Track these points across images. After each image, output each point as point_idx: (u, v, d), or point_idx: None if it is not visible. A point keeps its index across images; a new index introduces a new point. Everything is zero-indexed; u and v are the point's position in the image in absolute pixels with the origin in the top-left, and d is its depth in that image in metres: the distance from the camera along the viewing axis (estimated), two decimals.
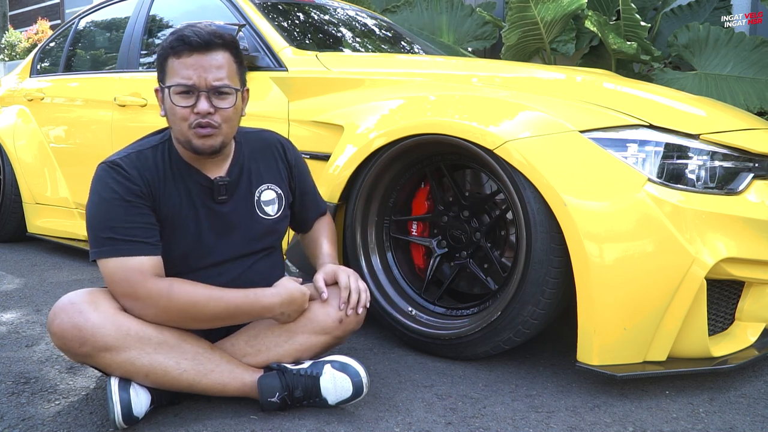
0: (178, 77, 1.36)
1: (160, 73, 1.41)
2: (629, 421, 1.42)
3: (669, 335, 1.50)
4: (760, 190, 1.62)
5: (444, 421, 1.41)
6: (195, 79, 1.35)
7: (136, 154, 1.41)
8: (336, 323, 1.48)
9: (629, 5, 3.33)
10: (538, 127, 1.59)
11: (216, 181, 1.45)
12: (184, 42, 1.35)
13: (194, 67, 1.36)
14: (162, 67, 1.40)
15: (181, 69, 1.36)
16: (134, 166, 1.38)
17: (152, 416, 1.39)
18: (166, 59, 1.38)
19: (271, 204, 1.55)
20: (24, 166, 3.31)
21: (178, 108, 1.37)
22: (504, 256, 1.86)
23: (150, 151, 1.43)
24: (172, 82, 1.37)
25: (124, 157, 1.39)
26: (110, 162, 1.38)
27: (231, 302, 1.37)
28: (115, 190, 1.35)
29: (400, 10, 4.53)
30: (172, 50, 1.37)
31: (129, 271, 1.32)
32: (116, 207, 1.34)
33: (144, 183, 1.37)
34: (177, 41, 1.36)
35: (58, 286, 2.59)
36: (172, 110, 1.38)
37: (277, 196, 1.56)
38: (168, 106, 1.39)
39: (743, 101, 3.29)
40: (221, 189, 1.45)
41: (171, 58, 1.37)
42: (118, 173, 1.36)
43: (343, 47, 2.70)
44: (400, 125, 1.77)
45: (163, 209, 1.40)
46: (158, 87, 1.43)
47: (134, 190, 1.35)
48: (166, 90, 1.38)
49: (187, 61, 1.36)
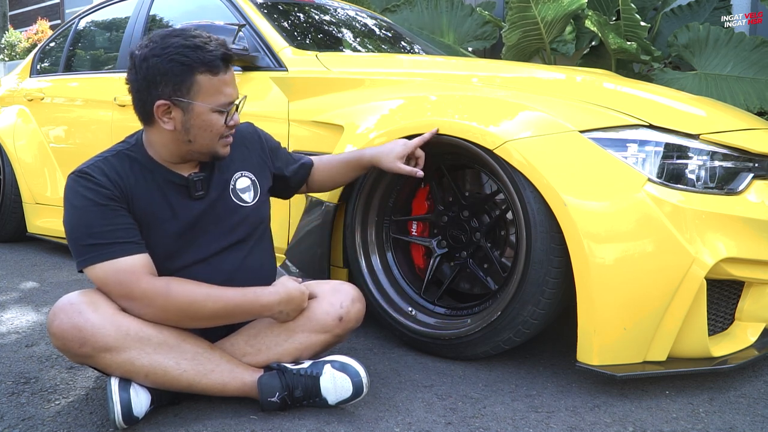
0: (221, 95, 1.36)
1: (175, 86, 1.33)
2: (629, 421, 1.42)
3: (669, 335, 1.50)
4: (760, 190, 1.62)
5: (444, 421, 1.41)
6: (234, 94, 1.39)
7: (102, 161, 1.39)
8: (336, 321, 1.48)
9: (629, 5, 3.33)
10: (538, 127, 1.59)
11: (191, 178, 1.44)
12: (222, 60, 1.35)
13: (231, 84, 1.38)
14: (183, 82, 1.33)
15: (222, 86, 1.36)
16: (102, 172, 1.36)
17: (152, 416, 1.39)
18: (193, 74, 1.33)
19: (247, 191, 1.54)
20: (24, 166, 3.32)
21: (220, 125, 1.38)
22: (504, 256, 1.86)
23: (114, 158, 1.40)
24: (215, 101, 1.36)
25: (90, 165, 1.38)
26: (78, 172, 1.37)
27: (230, 301, 1.37)
28: (87, 197, 1.33)
29: (400, 9, 4.53)
30: (207, 68, 1.33)
31: (119, 272, 1.31)
32: (92, 213, 1.33)
33: (115, 187, 1.36)
34: (217, 60, 1.34)
35: (58, 286, 2.59)
36: (207, 127, 1.37)
37: (252, 182, 1.55)
38: (201, 123, 1.36)
39: (743, 101, 3.29)
40: (197, 185, 1.44)
41: (205, 74, 1.33)
42: (87, 180, 1.35)
43: (343, 47, 2.70)
44: (400, 125, 1.77)
45: (138, 211, 1.38)
46: (167, 101, 1.34)
47: (106, 194, 1.34)
48: (199, 107, 1.35)
49: (226, 78, 1.37)
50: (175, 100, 1.34)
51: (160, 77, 1.33)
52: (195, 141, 1.38)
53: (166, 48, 1.33)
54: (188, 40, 1.34)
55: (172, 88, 1.33)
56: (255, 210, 1.54)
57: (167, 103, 1.34)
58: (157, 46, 1.34)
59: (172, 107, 1.35)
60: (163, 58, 1.32)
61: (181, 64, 1.32)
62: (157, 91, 1.34)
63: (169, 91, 1.34)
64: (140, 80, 1.35)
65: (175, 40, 1.34)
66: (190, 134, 1.37)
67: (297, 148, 2.09)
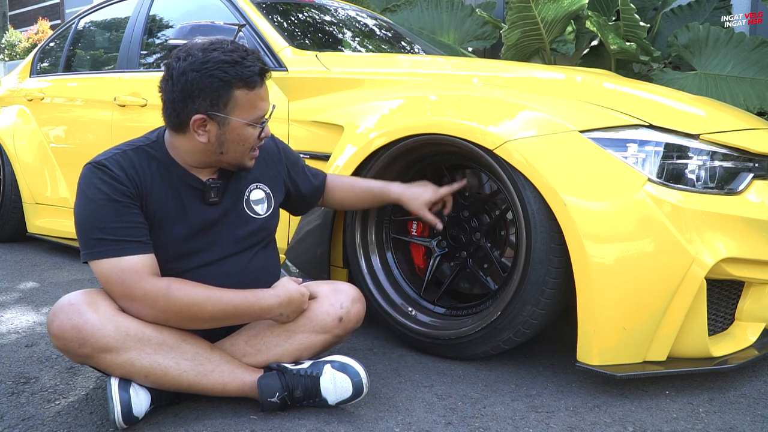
0: (257, 110, 1.38)
1: (213, 101, 1.33)
2: (629, 421, 1.42)
3: (669, 335, 1.50)
4: (760, 190, 1.62)
5: (444, 421, 1.41)
6: (267, 107, 1.41)
7: (121, 154, 1.39)
8: (336, 322, 1.48)
9: (629, 5, 3.33)
10: (538, 127, 1.59)
11: (208, 184, 1.44)
12: (259, 75, 1.36)
13: (265, 98, 1.40)
14: (221, 97, 1.33)
15: (258, 101, 1.37)
16: (120, 166, 1.36)
17: (152, 416, 1.39)
18: (231, 89, 1.33)
19: (261, 203, 1.54)
20: (24, 166, 3.32)
21: (254, 138, 1.40)
22: (504, 256, 1.86)
23: (134, 153, 1.40)
24: (251, 115, 1.37)
25: (109, 158, 1.37)
26: (96, 162, 1.36)
27: (230, 303, 1.37)
28: (102, 190, 1.33)
29: (400, 10, 4.53)
30: (245, 83, 1.34)
31: (123, 271, 1.31)
32: (105, 207, 1.33)
33: (131, 183, 1.36)
34: (254, 75, 1.35)
35: (58, 286, 2.59)
36: (242, 141, 1.38)
37: (266, 195, 1.56)
38: (236, 137, 1.37)
39: (743, 101, 3.29)
40: (213, 191, 1.45)
41: (242, 89, 1.34)
42: (104, 173, 1.34)
43: (343, 47, 2.70)
44: (400, 125, 1.77)
45: (150, 209, 1.38)
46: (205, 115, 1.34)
47: (122, 189, 1.34)
48: (235, 122, 1.36)
49: (261, 92, 1.38)
50: (212, 114, 1.34)
51: (198, 91, 1.33)
52: (227, 153, 1.40)
53: (205, 63, 1.32)
54: (227, 54, 1.34)
55: (210, 102, 1.34)
56: (266, 222, 1.55)
57: (204, 117, 1.34)
58: (197, 61, 1.33)
59: (209, 121, 1.35)
60: (202, 73, 1.32)
61: (220, 80, 1.32)
62: (194, 105, 1.34)
63: (207, 105, 1.34)
64: (177, 92, 1.34)
65: (214, 55, 1.33)
66: (224, 147, 1.39)
67: (297, 148, 2.09)
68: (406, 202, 1.73)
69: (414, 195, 1.73)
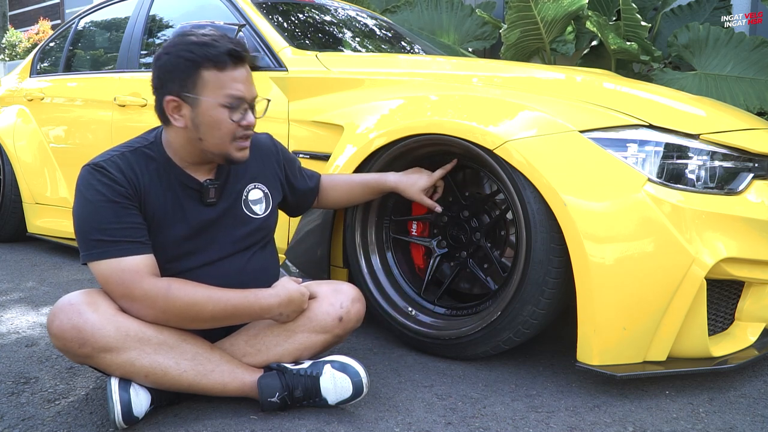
0: (228, 90, 1.35)
1: (183, 82, 1.34)
2: (629, 421, 1.42)
3: (669, 335, 1.50)
4: (760, 190, 1.62)
5: (444, 421, 1.41)
6: (244, 92, 1.37)
7: (118, 156, 1.39)
8: (336, 322, 1.48)
9: (629, 5, 3.33)
10: (538, 127, 1.59)
11: (205, 184, 1.44)
12: (231, 56, 1.35)
13: (242, 81, 1.37)
14: (190, 77, 1.34)
15: (229, 82, 1.35)
16: (117, 168, 1.36)
17: (152, 416, 1.39)
18: (199, 70, 1.33)
19: (259, 203, 1.54)
20: (24, 166, 3.32)
21: (229, 122, 1.36)
22: (504, 256, 1.86)
23: (132, 154, 1.40)
24: (220, 95, 1.35)
25: (107, 159, 1.37)
26: (94, 164, 1.37)
27: (230, 303, 1.37)
28: (100, 191, 1.33)
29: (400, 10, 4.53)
30: (213, 63, 1.33)
31: (123, 272, 1.31)
32: (103, 208, 1.33)
33: (129, 184, 1.36)
34: (222, 55, 1.33)
35: (58, 286, 2.59)
36: (215, 124, 1.36)
37: (264, 195, 1.56)
38: (208, 119, 1.36)
39: (743, 101, 3.29)
40: (211, 191, 1.44)
41: (211, 70, 1.33)
42: (102, 175, 1.34)
43: (343, 47, 2.70)
44: (400, 125, 1.77)
45: (149, 210, 1.39)
46: (176, 97, 1.35)
47: (120, 191, 1.34)
48: (206, 103, 1.35)
49: (235, 74, 1.36)
50: (183, 95, 1.35)
51: (169, 74, 1.35)
52: (205, 139, 1.38)
53: (176, 45, 1.35)
54: (199, 37, 1.35)
55: (179, 84, 1.35)
56: (264, 221, 1.55)
57: (175, 99, 1.36)
58: (170, 44, 1.36)
59: (181, 103, 1.36)
60: (171, 55, 1.35)
61: (186, 59, 1.33)
62: (167, 88, 1.36)
63: (177, 87, 1.35)
64: (155, 78, 1.38)
65: (186, 38, 1.35)
66: (200, 131, 1.37)
67: (297, 148, 2.10)
68: (403, 189, 1.75)
69: (410, 182, 1.75)
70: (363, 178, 1.79)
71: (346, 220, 1.93)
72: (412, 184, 1.75)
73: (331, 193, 1.78)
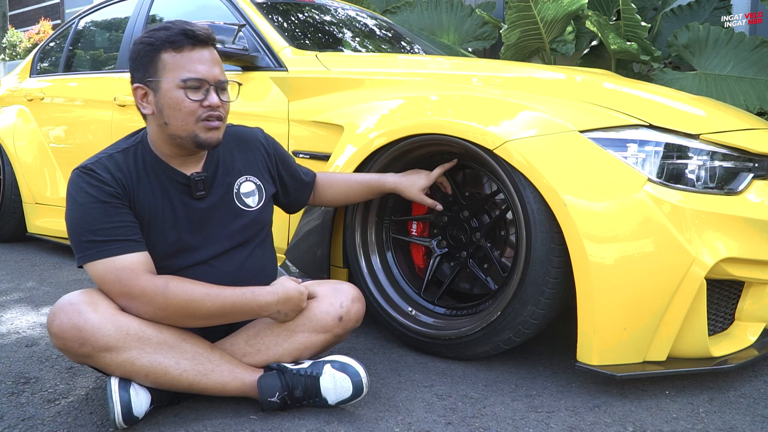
0: (185, 71, 1.36)
1: (146, 68, 1.37)
2: (629, 421, 1.42)
3: (669, 335, 1.50)
4: (760, 190, 1.62)
5: (444, 421, 1.41)
6: (204, 72, 1.37)
7: (106, 157, 1.40)
8: (336, 321, 1.48)
9: (629, 5, 3.33)
10: (538, 127, 1.59)
11: (193, 177, 1.44)
12: (187, 36, 1.36)
13: (201, 61, 1.37)
14: (151, 62, 1.36)
15: (187, 63, 1.36)
16: (106, 169, 1.37)
17: (152, 416, 1.39)
18: (158, 53, 1.36)
19: (251, 195, 1.54)
20: (24, 166, 3.32)
21: (188, 102, 1.36)
22: (504, 256, 1.86)
23: (120, 155, 1.41)
24: (178, 76, 1.35)
25: (95, 162, 1.38)
26: (82, 167, 1.37)
27: (227, 300, 1.37)
28: (90, 193, 1.34)
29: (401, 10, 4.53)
30: (170, 44, 1.35)
31: (119, 270, 1.31)
32: (94, 210, 1.33)
33: (117, 184, 1.36)
34: (177, 35, 1.36)
35: (58, 286, 2.59)
36: (175, 105, 1.36)
37: (257, 187, 1.56)
38: (168, 101, 1.36)
39: (743, 101, 3.29)
40: (199, 185, 1.44)
41: (169, 52, 1.36)
42: (91, 177, 1.35)
43: (343, 47, 2.70)
44: (400, 125, 1.77)
45: (139, 208, 1.39)
46: (141, 84, 1.38)
47: (109, 191, 1.35)
48: (165, 84, 1.36)
49: (192, 55, 1.37)
50: (147, 81, 1.38)
51: (134, 63, 1.40)
52: (170, 123, 1.38)
53: (142, 36, 1.39)
54: (159, 25, 1.39)
55: (143, 70, 1.39)
56: (258, 214, 1.54)
57: (142, 86, 1.39)
58: (139, 36, 1.40)
59: (147, 90, 1.39)
60: (136, 45, 1.39)
61: (147, 44, 1.37)
62: (135, 77, 1.40)
63: (141, 74, 1.39)
64: (130, 71, 1.42)
65: (148, 27, 1.40)
66: (164, 115, 1.38)
67: (297, 148, 2.10)
68: (402, 190, 1.76)
69: (410, 182, 1.76)
70: (362, 177, 1.79)
71: (346, 220, 1.93)
72: (411, 184, 1.76)
73: (328, 191, 1.78)
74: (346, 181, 1.79)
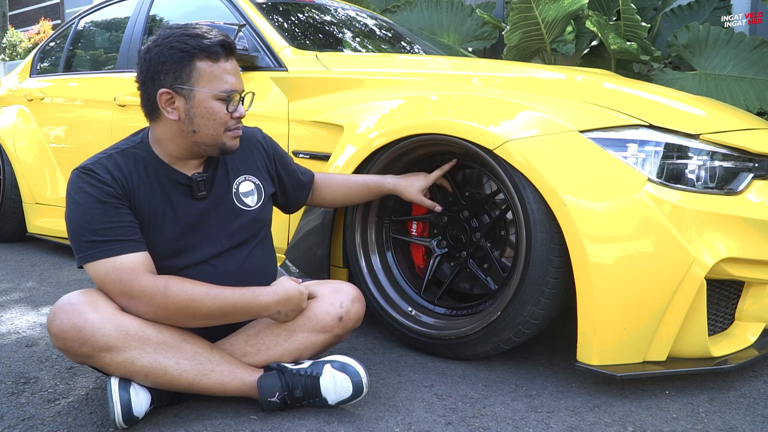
0: (222, 82, 1.37)
1: (176, 74, 1.35)
2: (629, 421, 1.42)
3: (669, 335, 1.50)
4: (760, 190, 1.62)
5: (444, 421, 1.41)
6: (236, 84, 1.40)
7: (106, 158, 1.40)
8: (336, 321, 1.48)
9: (629, 5, 3.33)
10: (538, 127, 1.59)
11: (194, 178, 1.44)
12: (223, 47, 1.37)
13: (232, 73, 1.40)
14: (184, 69, 1.35)
15: (223, 74, 1.37)
16: (106, 169, 1.37)
17: (152, 416, 1.39)
18: (193, 61, 1.35)
19: (250, 195, 1.54)
20: (24, 166, 3.32)
21: (223, 113, 1.38)
22: (504, 256, 1.86)
23: (120, 155, 1.41)
24: (216, 88, 1.36)
25: (95, 162, 1.38)
26: (82, 168, 1.37)
27: (228, 300, 1.37)
28: (90, 193, 1.34)
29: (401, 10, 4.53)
30: (207, 54, 1.35)
31: (119, 270, 1.31)
32: (94, 210, 1.33)
33: (117, 184, 1.36)
34: (216, 46, 1.36)
35: (58, 286, 2.59)
36: (210, 115, 1.37)
37: (256, 186, 1.56)
38: (203, 111, 1.37)
39: (743, 101, 3.29)
40: (200, 185, 1.45)
41: (205, 61, 1.35)
42: (91, 177, 1.35)
43: (343, 47, 2.70)
44: (400, 125, 1.77)
45: (140, 209, 1.39)
46: (169, 89, 1.36)
47: (109, 191, 1.35)
48: (201, 94, 1.36)
49: (227, 66, 1.38)
50: (177, 87, 1.36)
51: (161, 66, 1.36)
52: (199, 131, 1.39)
53: (167, 38, 1.36)
54: (189, 30, 1.37)
55: (173, 75, 1.36)
56: (258, 214, 1.54)
57: (169, 91, 1.36)
58: (159, 38, 1.37)
59: (175, 96, 1.37)
60: (163, 47, 1.35)
61: (180, 51, 1.35)
62: (159, 81, 1.37)
63: (171, 80, 1.36)
64: (144, 72, 1.38)
65: (176, 31, 1.37)
66: (194, 123, 1.38)
67: (297, 148, 2.10)
68: (401, 191, 1.77)
69: (409, 184, 1.77)
70: (361, 179, 1.79)
71: (346, 220, 1.93)
72: (410, 185, 1.76)
73: (327, 191, 1.78)
74: (344, 181, 1.79)
